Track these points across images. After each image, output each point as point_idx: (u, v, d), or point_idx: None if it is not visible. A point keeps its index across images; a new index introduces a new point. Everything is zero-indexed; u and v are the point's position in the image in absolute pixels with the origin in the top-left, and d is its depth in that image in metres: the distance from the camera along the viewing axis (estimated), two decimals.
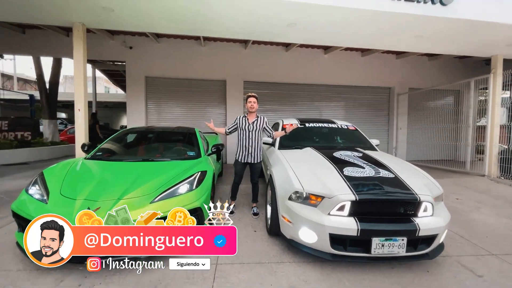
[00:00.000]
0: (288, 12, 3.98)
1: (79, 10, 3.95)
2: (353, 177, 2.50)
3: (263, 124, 3.56)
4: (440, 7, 4.03)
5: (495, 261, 2.62)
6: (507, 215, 3.90)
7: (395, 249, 2.21)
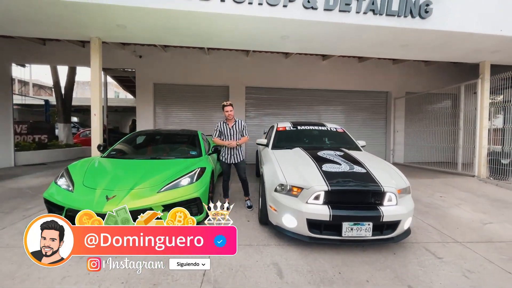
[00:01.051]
0: (281, 26, 4.44)
1: (96, 27, 4.50)
2: (329, 172, 2.90)
3: (241, 128, 3.93)
4: (420, 20, 4.42)
5: (457, 247, 2.97)
6: (484, 210, 4.21)
7: (362, 233, 2.60)
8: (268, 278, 2.31)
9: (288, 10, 4.06)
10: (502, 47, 5.39)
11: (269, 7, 4.00)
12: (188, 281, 2.25)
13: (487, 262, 2.66)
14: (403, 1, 4.28)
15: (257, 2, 3.95)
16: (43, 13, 4.01)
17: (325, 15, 4.16)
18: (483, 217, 3.92)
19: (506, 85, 6.55)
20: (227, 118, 3.94)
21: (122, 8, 3.81)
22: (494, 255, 2.82)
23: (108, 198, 2.63)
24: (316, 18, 4.16)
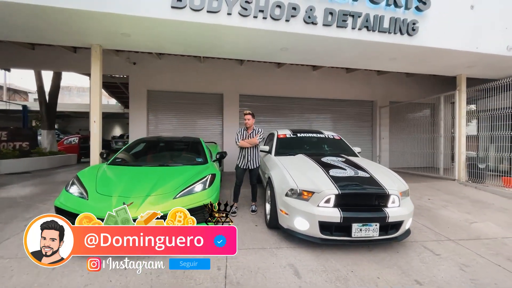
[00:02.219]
0: (282, 39, 4.68)
1: (99, 35, 4.51)
2: (337, 177, 3.11)
3: (256, 133, 4.13)
4: (408, 37, 4.83)
5: (451, 244, 3.25)
6: (468, 211, 4.60)
7: (370, 233, 2.80)
8: (287, 279, 2.44)
9: (290, 25, 4.31)
10: (477, 63, 5.97)
11: (273, 21, 4.23)
12: (211, 284, 2.32)
13: (479, 257, 2.94)
14: (393, 19, 4.67)
15: (262, 16, 4.17)
16: (46, 20, 3.98)
17: (324, 30, 4.45)
18: (468, 217, 4.29)
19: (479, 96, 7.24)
20: (246, 126, 4.15)
21: (130, 17, 3.88)
22: (483, 250, 3.12)
23: (126, 205, 2.65)
24: (316, 32, 4.44)
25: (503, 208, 4.80)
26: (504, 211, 4.63)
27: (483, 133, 7.10)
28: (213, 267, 2.57)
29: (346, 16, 4.45)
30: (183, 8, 3.88)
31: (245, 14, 4.08)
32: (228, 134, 8.65)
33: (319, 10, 4.36)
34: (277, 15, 4.19)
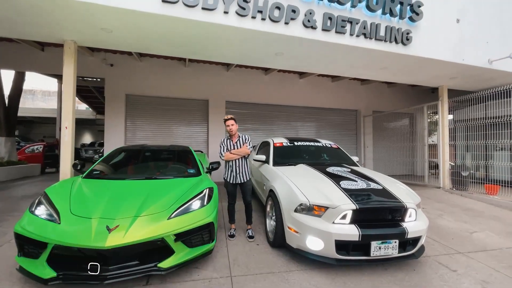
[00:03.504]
0: (279, 43, 4.45)
1: (75, 29, 3.95)
2: (350, 189, 2.85)
3: (245, 141, 3.55)
4: (402, 46, 4.85)
5: (463, 258, 3.11)
6: (463, 220, 4.59)
7: (389, 251, 2.56)
8: None
9: (290, 28, 4.10)
10: (460, 74, 6.20)
11: (272, 23, 3.99)
12: None
13: (494, 271, 2.82)
14: (388, 28, 4.67)
15: (261, 17, 3.91)
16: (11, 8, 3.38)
17: (323, 35, 4.30)
18: (466, 227, 4.26)
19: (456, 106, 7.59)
20: (230, 134, 3.60)
21: (114, 10, 3.41)
22: (494, 263, 3.02)
23: (110, 229, 2.16)
24: (315, 37, 4.27)
25: (494, 216, 4.87)
26: (496, 219, 4.69)
27: (460, 142, 7.41)
28: None
29: (345, 22, 4.34)
30: (176, 3, 3.50)
31: (243, 14, 3.79)
32: (214, 143, 8.21)
33: (319, 14, 4.21)
34: (276, 16, 3.97)
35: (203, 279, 2.49)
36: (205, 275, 2.56)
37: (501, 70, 5.71)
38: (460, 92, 7.42)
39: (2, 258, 2.75)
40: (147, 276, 2.43)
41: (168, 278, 2.44)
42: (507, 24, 5.84)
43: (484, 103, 6.79)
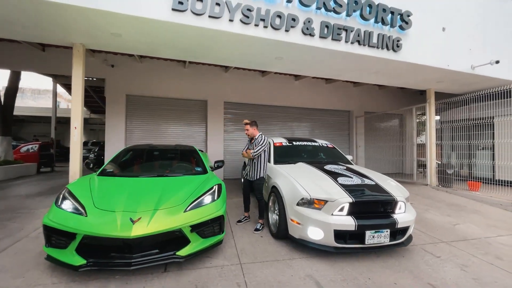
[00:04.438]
0: (280, 48, 4.73)
1: (85, 33, 4.12)
2: (347, 185, 3.16)
3: (256, 143, 3.84)
4: (393, 53, 5.21)
5: (446, 247, 3.47)
6: (447, 214, 4.99)
7: (381, 239, 2.88)
8: None
9: (290, 35, 4.38)
10: (446, 78, 6.63)
11: (273, 30, 4.26)
12: None
13: (473, 257, 3.18)
14: (380, 36, 5.01)
15: (263, 25, 4.18)
16: (28, 15, 3.55)
17: (320, 41, 4.60)
18: (450, 219, 4.65)
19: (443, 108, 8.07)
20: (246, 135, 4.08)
21: (126, 17, 3.61)
22: (473, 250, 3.38)
23: (134, 221, 2.39)
24: (313, 43, 4.57)
25: (476, 210, 5.30)
26: (477, 212, 5.11)
27: (446, 142, 7.90)
28: (232, 284, 2.42)
29: (341, 30, 4.66)
30: (184, 11, 3.73)
31: (247, 22, 4.05)
32: (212, 142, 8.45)
33: (316, 22, 4.50)
34: (277, 24, 4.24)
35: (215, 266, 2.74)
36: (216, 263, 2.81)
37: (482, 75, 6.16)
38: (447, 94, 7.90)
39: (25, 250, 2.94)
40: (165, 264, 2.67)
41: (184, 266, 2.69)
42: (489, 33, 6.29)
43: (468, 106, 7.26)
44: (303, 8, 4.40)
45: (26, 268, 2.57)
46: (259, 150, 3.79)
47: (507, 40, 6.45)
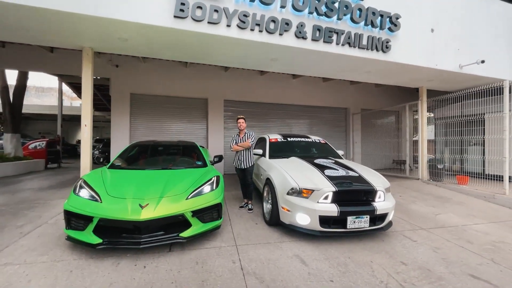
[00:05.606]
0: (274, 51, 5.05)
1: (94, 37, 4.46)
2: (332, 176, 3.51)
3: (248, 137, 4.57)
4: (382, 54, 5.51)
5: (424, 233, 3.82)
6: (432, 205, 5.33)
7: (362, 224, 3.23)
8: (296, 267, 2.75)
9: (283, 38, 4.70)
10: (436, 77, 6.91)
11: (268, 34, 4.58)
12: (231, 275, 2.54)
13: (446, 241, 3.53)
14: (370, 37, 5.30)
15: (258, 30, 4.50)
16: (43, 22, 3.89)
17: (312, 44, 4.91)
18: (434, 210, 4.99)
19: (436, 105, 8.36)
20: (239, 129, 4.62)
21: (133, 24, 3.94)
22: (448, 236, 3.73)
23: (142, 206, 2.76)
24: (305, 46, 4.88)
25: (460, 201, 5.63)
26: (461, 204, 5.45)
27: (439, 137, 8.20)
28: (228, 261, 2.79)
29: (332, 33, 4.96)
30: (185, 18, 4.06)
31: (243, 27, 4.38)
32: (213, 138, 8.81)
33: (309, 26, 4.81)
34: (272, 29, 4.56)
35: (214, 247, 3.11)
36: (215, 244, 3.18)
37: (470, 74, 6.44)
38: (440, 92, 8.18)
39: (47, 234, 3.32)
40: (169, 245, 3.05)
41: (186, 246, 3.06)
42: (476, 33, 6.55)
43: (460, 103, 7.55)
44: (296, 13, 4.71)
45: (49, 247, 2.95)
46: (254, 141, 4.56)
47: (493, 40, 6.71)
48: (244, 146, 4.49)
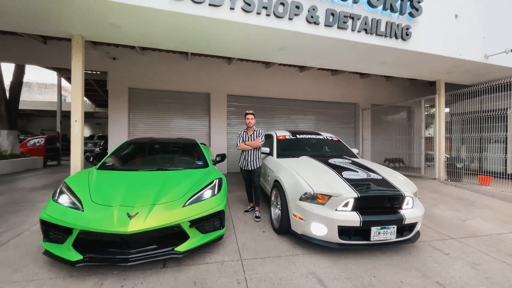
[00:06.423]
0: (283, 38, 4.56)
1: (84, 23, 4.02)
2: (351, 179, 3.04)
3: (258, 135, 4.08)
4: (401, 42, 4.98)
5: (455, 243, 3.34)
6: (456, 209, 4.83)
7: (388, 236, 2.77)
8: None
9: (293, 23, 4.21)
10: (457, 68, 6.36)
11: (276, 18, 4.09)
12: None
13: (484, 255, 3.05)
14: (389, 23, 4.78)
15: (265, 13, 4.01)
16: (28, 5, 3.46)
17: (325, 30, 4.42)
18: (459, 215, 4.50)
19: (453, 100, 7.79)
20: (247, 126, 4.12)
21: (124, 6, 3.49)
22: (484, 247, 3.24)
23: (131, 216, 2.33)
24: (318, 32, 4.38)
25: (486, 205, 5.12)
26: (487, 207, 4.94)
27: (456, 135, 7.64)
28: (232, 281, 2.36)
29: (347, 18, 4.45)
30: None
31: (249, 10, 3.89)
32: (216, 135, 8.37)
33: (321, 10, 4.31)
34: (280, 12, 4.07)
35: (215, 262, 2.68)
36: (217, 258, 2.75)
37: (496, 64, 5.87)
38: (457, 86, 7.61)
39: (25, 244, 2.92)
40: (163, 260, 2.62)
41: (183, 261, 2.63)
42: (503, 20, 5.97)
43: (479, 97, 6.99)
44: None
45: (24, 262, 2.55)
46: (263, 140, 4.06)
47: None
48: (253, 145, 3.98)
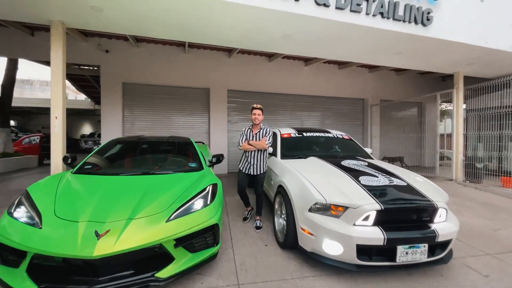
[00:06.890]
0: (288, 23, 4.04)
1: (62, 7, 3.54)
2: (371, 186, 2.54)
3: (265, 135, 3.48)
4: (421, 27, 4.43)
5: (493, 261, 2.82)
6: (484, 216, 4.30)
7: (417, 256, 2.26)
8: None
9: (300, 5, 3.68)
10: (480, 59, 5.77)
11: (281, 0, 3.57)
12: None
13: None
14: (408, 7, 4.24)
15: None
16: None
17: (336, 13, 3.89)
18: (489, 223, 3.96)
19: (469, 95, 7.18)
20: (253, 123, 3.54)
21: None
22: None
23: (100, 235, 1.86)
24: (327, 16, 3.85)
25: None
26: None
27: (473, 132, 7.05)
28: None
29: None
30: None
31: None
32: (216, 132, 7.89)
33: None
34: None
35: (207, 287, 2.21)
36: (209, 282, 2.28)
37: None
38: (473, 80, 7.01)
39: None
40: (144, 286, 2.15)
41: (168, 287, 2.16)
42: None
43: (500, 91, 6.40)
44: None
45: None
46: (270, 142, 3.48)
47: None
48: (258, 146, 3.39)
